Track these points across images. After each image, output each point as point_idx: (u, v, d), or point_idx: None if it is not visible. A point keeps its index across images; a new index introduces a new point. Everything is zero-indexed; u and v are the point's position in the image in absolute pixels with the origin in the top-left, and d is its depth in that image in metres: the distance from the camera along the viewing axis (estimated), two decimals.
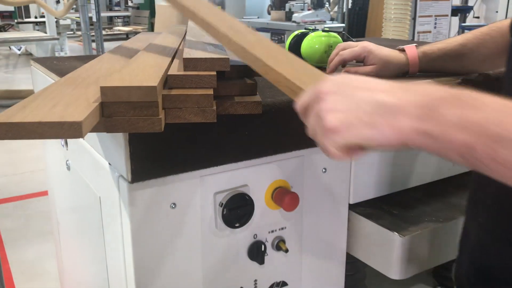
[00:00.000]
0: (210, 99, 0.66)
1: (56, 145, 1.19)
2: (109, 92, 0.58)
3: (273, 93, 0.86)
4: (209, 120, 0.66)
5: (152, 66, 0.72)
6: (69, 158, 1.08)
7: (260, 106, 0.73)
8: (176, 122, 0.65)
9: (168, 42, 1.02)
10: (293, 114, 0.83)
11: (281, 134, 0.84)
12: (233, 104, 0.71)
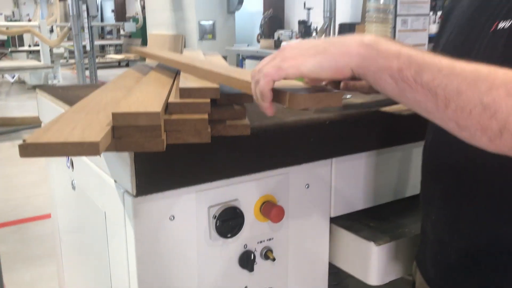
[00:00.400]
0: (205, 123, 0.77)
1: (61, 168, 1.29)
2: (119, 117, 0.69)
3: (260, 117, 0.97)
4: (204, 141, 0.77)
5: (154, 95, 0.84)
6: (75, 178, 1.17)
7: (249, 129, 0.84)
8: (176, 142, 0.76)
9: (165, 73, 1.14)
10: (278, 136, 0.94)
11: (268, 153, 0.94)
12: (225, 127, 0.82)
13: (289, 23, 9.01)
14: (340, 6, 7.32)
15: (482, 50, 0.77)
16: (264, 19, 8.37)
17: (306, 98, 0.69)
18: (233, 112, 0.84)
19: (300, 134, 0.98)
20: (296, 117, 0.99)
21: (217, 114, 0.83)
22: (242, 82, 0.81)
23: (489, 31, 0.76)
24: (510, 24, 0.72)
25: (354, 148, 1.08)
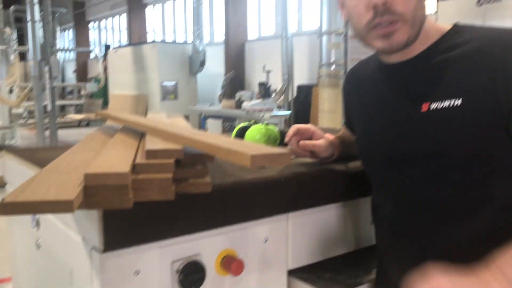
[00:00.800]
0: (169, 182, 0.84)
1: (24, 228, 1.31)
2: (91, 177, 0.75)
3: (221, 175, 1.05)
4: (168, 198, 0.84)
5: (122, 156, 0.91)
6: (40, 238, 1.20)
7: (210, 186, 0.92)
8: (142, 200, 0.82)
9: (131, 135, 1.21)
10: (238, 192, 1.02)
11: (228, 209, 1.02)
12: (188, 185, 0.89)
13: (250, 84, 9.32)
14: (297, 69, 7.69)
15: (416, 129, 0.98)
16: (226, 80, 8.63)
17: (261, 157, 0.78)
18: (195, 171, 0.92)
19: (258, 190, 1.06)
20: (254, 174, 1.07)
21: (180, 173, 0.90)
22: (204, 144, 0.89)
23: (420, 112, 0.95)
24: (448, 105, 0.92)
25: (308, 203, 1.17)
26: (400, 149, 1.02)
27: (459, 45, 0.96)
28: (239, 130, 1.38)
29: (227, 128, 6.97)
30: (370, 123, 1.11)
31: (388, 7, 0.92)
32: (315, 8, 5.90)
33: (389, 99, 1.05)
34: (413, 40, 0.98)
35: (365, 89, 1.15)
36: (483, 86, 0.89)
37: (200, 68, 9.56)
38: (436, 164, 0.97)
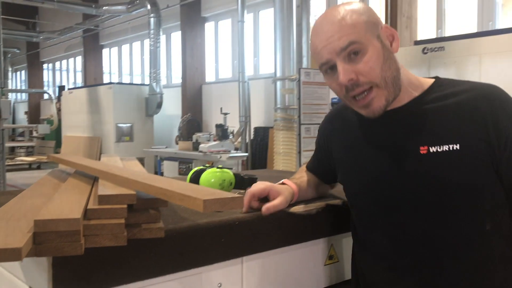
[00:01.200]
0: (121, 227, 0.84)
1: None
2: (41, 224, 0.75)
3: (175, 220, 1.06)
4: (121, 244, 0.83)
5: (74, 201, 0.90)
6: None
7: (163, 231, 0.92)
8: (93, 246, 0.82)
9: (83, 180, 1.20)
10: (191, 237, 1.02)
11: (181, 254, 1.01)
12: (140, 230, 0.89)
13: (207, 126, 9.36)
14: (254, 111, 7.81)
15: (417, 169, 1.07)
16: (183, 122, 8.64)
17: (213, 202, 0.79)
18: (148, 216, 0.92)
19: (212, 235, 1.06)
20: (208, 219, 1.08)
21: (133, 218, 0.90)
22: (157, 189, 0.90)
23: (420, 153, 1.06)
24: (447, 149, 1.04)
25: (263, 246, 1.18)
26: (401, 187, 1.10)
27: (447, 96, 1.09)
28: (194, 173, 1.39)
29: (183, 171, 6.93)
30: (364, 165, 1.17)
31: (355, 82, 1.05)
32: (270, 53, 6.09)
33: (384, 142, 1.14)
34: (394, 98, 1.09)
35: (353, 132, 1.22)
36: (478, 133, 1.03)
37: (157, 109, 9.54)
38: (436, 202, 1.07)
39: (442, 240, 1.08)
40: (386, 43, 1.10)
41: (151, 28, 9.30)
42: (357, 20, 1.06)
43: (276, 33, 5.25)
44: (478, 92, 1.08)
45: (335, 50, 1.05)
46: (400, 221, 1.12)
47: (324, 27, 1.08)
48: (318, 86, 5.02)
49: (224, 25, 9.51)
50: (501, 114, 1.04)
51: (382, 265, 1.17)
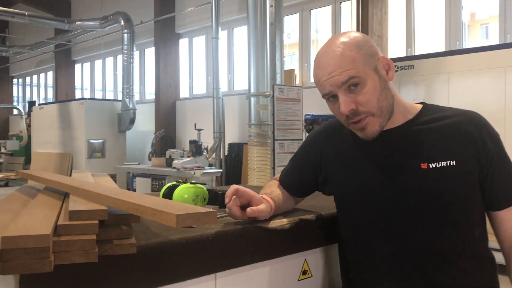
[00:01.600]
0: (93, 243, 0.82)
1: None
2: (8, 240, 0.73)
3: (147, 236, 1.04)
4: (92, 260, 0.82)
5: (43, 217, 0.88)
6: None
7: (135, 247, 0.90)
8: (64, 263, 0.80)
9: (53, 196, 1.18)
10: (164, 253, 1.01)
11: (154, 270, 1.00)
12: (112, 246, 0.88)
13: (181, 142, 9.30)
14: (228, 127, 7.82)
15: (420, 182, 1.19)
16: (156, 138, 8.57)
17: (186, 217, 0.79)
18: (120, 232, 0.91)
19: (185, 251, 1.05)
20: (181, 234, 1.07)
21: (104, 234, 0.89)
22: (129, 204, 0.89)
23: (421, 168, 1.19)
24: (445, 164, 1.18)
25: (236, 262, 1.17)
26: (403, 200, 1.21)
27: (436, 120, 1.25)
28: (167, 189, 1.38)
29: (156, 187, 6.85)
30: (365, 179, 1.27)
31: (355, 111, 1.18)
32: (244, 70, 6.14)
33: (384, 159, 1.25)
34: (386, 123, 1.23)
35: (350, 147, 1.31)
36: (470, 152, 1.20)
37: (130, 125, 9.44)
38: (436, 212, 1.19)
39: (440, 246, 1.20)
40: (383, 73, 1.21)
41: (124, 44, 9.25)
42: (356, 54, 1.17)
43: (250, 50, 5.30)
44: (466, 117, 1.25)
45: (337, 83, 1.17)
46: (402, 230, 1.22)
47: (326, 60, 1.19)
48: (291, 102, 5.08)
49: (199, 42, 9.54)
50: (488, 137, 1.22)
51: (384, 273, 1.24)
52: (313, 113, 6.02)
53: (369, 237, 1.27)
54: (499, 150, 1.23)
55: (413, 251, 1.20)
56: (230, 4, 8.00)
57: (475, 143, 1.20)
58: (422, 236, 1.20)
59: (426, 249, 1.20)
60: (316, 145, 1.40)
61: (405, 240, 1.21)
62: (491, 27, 6.81)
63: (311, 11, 7.46)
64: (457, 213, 1.20)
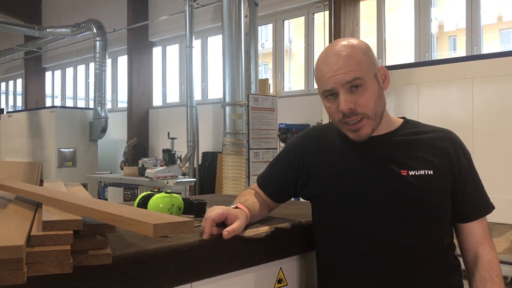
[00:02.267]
0: (67, 254, 0.81)
1: None
2: None
3: (122, 246, 1.03)
4: (66, 271, 0.81)
5: (16, 228, 0.86)
6: None
7: (110, 258, 0.89)
8: (37, 274, 0.78)
9: (25, 206, 1.16)
10: (139, 263, 1.00)
11: (129, 281, 0.99)
12: (87, 256, 0.87)
13: (154, 151, 9.21)
14: (202, 136, 7.79)
15: (400, 187, 1.26)
16: (128, 146, 8.46)
17: (163, 226, 0.79)
18: (95, 242, 0.90)
19: (160, 260, 1.05)
20: (156, 244, 1.06)
21: (79, 244, 0.88)
22: (105, 214, 0.88)
23: (401, 175, 1.26)
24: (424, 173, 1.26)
25: (213, 271, 1.17)
26: (383, 204, 1.26)
27: (417, 133, 1.33)
28: (141, 198, 1.37)
29: (129, 197, 6.76)
30: (348, 183, 1.31)
31: (353, 111, 1.23)
32: (219, 79, 6.15)
33: (367, 165, 1.30)
34: (377, 128, 1.29)
35: (334, 152, 1.36)
36: (446, 165, 1.28)
37: (101, 134, 9.31)
38: (413, 217, 1.25)
39: (413, 249, 1.25)
40: (380, 82, 1.30)
41: (96, 52, 9.14)
42: (362, 58, 1.25)
43: (225, 59, 5.31)
44: (443, 134, 1.35)
45: (341, 82, 1.23)
46: (378, 233, 1.26)
47: (333, 58, 1.25)
48: (266, 111, 5.11)
49: (172, 50, 9.50)
50: (462, 153, 1.32)
51: (358, 274, 1.28)
52: (287, 122, 6.07)
53: (346, 238, 1.30)
54: (470, 166, 1.33)
55: (387, 252, 1.25)
56: (204, 14, 8.01)
57: (450, 157, 1.29)
58: (396, 238, 1.25)
59: (400, 251, 1.25)
60: (299, 148, 1.43)
61: (381, 242, 1.26)
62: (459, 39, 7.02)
63: (284, 22, 7.53)
64: (431, 219, 1.27)
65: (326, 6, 6.43)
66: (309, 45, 7.06)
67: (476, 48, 5.58)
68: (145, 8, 9.47)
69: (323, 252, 1.38)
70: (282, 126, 5.87)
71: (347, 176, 1.32)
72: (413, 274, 1.25)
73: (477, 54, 5.39)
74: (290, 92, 7.35)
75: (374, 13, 6.52)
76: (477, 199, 1.34)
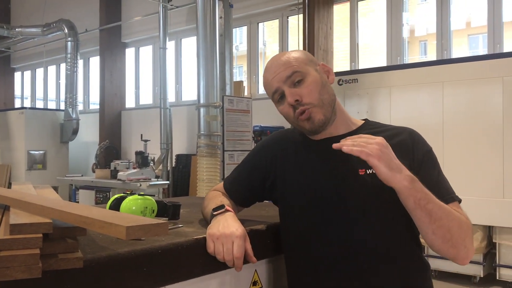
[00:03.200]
0: (36, 258, 0.79)
1: None
2: None
3: (94, 249, 1.01)
4: (35, 276, 0.78)
5: None
6: None
7: (82, 261, 0.87)
8: (4, 280, 0.76)
9: None
10: (112, 267, 0.98)
11: (101, 285, 0.96)
12: (57, 260, 0.84)
13: (126, 154, 9.09)
14: (176, 138, 7.73)
15: (358, 186, 1.28)
16: (100, 149, 8.33)
17: (137, 229, 0.77)
18: (65, 245, 0.87)
19: (133, 264, 1.03)
20: (129, 247, 1.04)
21: (49, 248, 0.85)
22: (76, 216, 0.86)
23: (359, 174, 1.29)
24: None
25: (186, 275, 1.16)
26: (344, 204, 1.28)
27: (377, 133, 1.30)
28: (114, 201, 1.34)
29: (100, 200, 6.65)
30: (310, 184, 1.34)
31: (299, 102, 1.31)
32: (193, 80, 6.10)
33: (328, 164, 1.33)
34: (331, 117, 1.35)
35: (298, 154, 1.39)
36: (405, 162, 1.24)
37: (73, 136, 9.14)
38: (372, 215, 1.26)
39: (376, 248, 1.26)
40: (323, 76, 1.37)
41: (68, 52, 8.96)
42: (299, 56, 1.35)
43: (200, 61, 5.28)
44: (402, 130, 1.38)
45: (282, 79, 1.32)
46: (341, 233, 1.27)
47: (273, 64, 1.36)
48: (241, 113, 5.10)
49: (146, 51, 9.40)
50: (419, 148, 1.34)
51: (324, 275, 1.28)
52: (262, 125, 6.08)
53: (311, 241, 1.31)
54: (430, 157, 1.34)
55: (351, 253, 1.26)
56: (178, 15, 7.96)
57: (407, 149, 1.32)
58: (359, 238, 1.26)
59: (363, 251, 1.26)
60: (265, 152, 1.46)
61: (344, 242, 1.27)
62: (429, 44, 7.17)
63: (258, 24, 7.55)
64: (392, 216, 1.27)
65: (300, 9, 6.47)
66: (283, 48, 7.09)
67: (446, 52, 5.70)
68: (118, 8, 9.35)
69: (290, 255, 1.39)
70: (256, 128, 5.87)
71: (307, 178, 1.34)
72: (377, 273, 1.25)
73: (447, 59, 5.51)
74: (265, 95, 7.32)
75: (347, 17, 6.60)
76: (438, 188, 1.25)
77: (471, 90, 4.40)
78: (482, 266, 4.32)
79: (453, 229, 1.18)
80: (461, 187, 1.48)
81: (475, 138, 4.34)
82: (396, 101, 4.82)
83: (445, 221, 1.17)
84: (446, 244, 1.19)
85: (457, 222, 1.19)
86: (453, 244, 1.19)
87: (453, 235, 1.18)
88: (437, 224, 1.17)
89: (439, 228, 1.17)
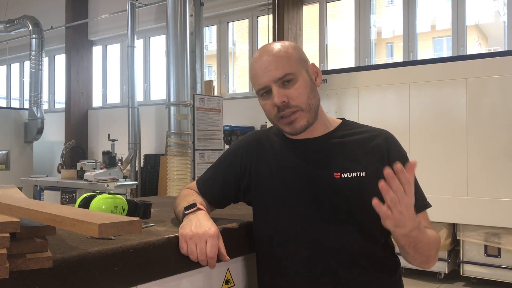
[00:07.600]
0: (3, 258, 0.76)
1: None
2: None
3: (63, 249, 0.98)
4: (2, 277, 0.75)
5: None
6: None
7: (51, 261, 0.85)
8: None
9: None
10: (82, 267, 0.95)
11: (71, 285, 0.94)
12: (25, 260, 0.82)
13: (93, 154, 8.91)
14: (144, 138, 7.63)
15: (332, 190, 1.27)
16: (66, 149, 8.14)
17: (109, 226, 0.76)
18: (34, 245, 0.85)
19: (104, 263, 1.01)
20: (99, 247, 1.02)
21: (16, 248, 0.83)
22: (45, 215, 0.84)
23: (334, 178, 1.28)
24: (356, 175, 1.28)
25: (158, 274, 1.14)
26: (318, 206, 1.28)
27: (353, 134, 1.35)
28: (83, 200, 1.31)
29: (66, 201, 6.49)
30: (285, 186, 1.33)
31: (286, 104, 1.27)
32: (162, 79, 6.04)
33: (304, 167, 1.32)
34: (313, 122, 1.32)
35: (274, 155, 1.38)
36: (378, 164, 1.27)
37: (37, 136, 8.90)
38: (347, 219, 1.27)
39: (348, 249, 1.27)
40: (312, 78, 1.34)
41: (32, 50, 8.72)
42: (292, 54, 1.30)
43: (170, 59, 5.23)
44: (378, 133, 1.37)
45: (273, 78, 1.28)
46: (314, 235, 1.28)
47: (263, 57, 1.30)
48: (212, 112, 5.08)
49: (113, 50, 9.24)
50: (395, 150, 1.34)
51: (296, 275, 1.29)
52: (232, 124, 6.07)
53: (283, 241, 1.32)
54: (404, 162, 1.31)
55: (323, 254, 1.27)
56: (147, 13, 7.86)
57: (381, 153, 1.32)
58: (332, 240, 1.28)
59: (335, 252, 1.27)
60: (240, 153, 1.44)
61: (317, 244, 1.28)
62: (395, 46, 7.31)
63: (228, 24, 7.53)
64: (365, 220, 1.27)
65: (270, 9, 6.49)
66: (253, 48, 7.10)
67: (412, 54, 5.83)
68: (84, 5, 9.16)
69: (261, 254, 1.39)
70: (226, 128, 5.86)
71: (282, 180, 1.34)
72: (348, 273, 1.27)
73: (413, 60, 5.63)
74: (235, 94, 7.35)
75: (316, 19, 6.66)
76: None
77: (436, 91, 4.51)
78: (447, 263, 4.43)
79: (431, 252, 1.26)
80: (427, 186, 1.51)
81: (440, 138, 4.45)
82: (364, 101, 4.89)
83: (427, 250, 1.24)
84: (421, 263, 1.28)
85: (434, 246, 1.27)
86: (427, 260, 1.28)
87: (429, 257, 1.27)
88: (419, 253, 1.23)
89: (420, 254, 1.24)
